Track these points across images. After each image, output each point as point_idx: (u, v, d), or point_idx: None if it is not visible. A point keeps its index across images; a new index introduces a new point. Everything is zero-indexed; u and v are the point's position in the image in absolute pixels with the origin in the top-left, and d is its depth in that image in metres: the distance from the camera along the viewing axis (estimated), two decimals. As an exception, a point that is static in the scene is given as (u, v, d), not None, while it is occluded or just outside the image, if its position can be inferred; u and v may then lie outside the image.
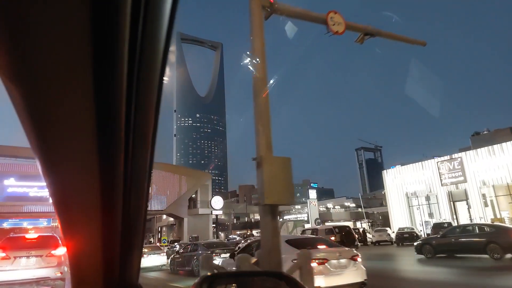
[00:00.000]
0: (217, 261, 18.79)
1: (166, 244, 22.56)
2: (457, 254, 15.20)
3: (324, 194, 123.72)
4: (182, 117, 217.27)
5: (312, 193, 46.15)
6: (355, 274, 7.45)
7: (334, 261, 7.33)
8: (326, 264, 7.20)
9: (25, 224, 39.96)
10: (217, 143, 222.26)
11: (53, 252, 9.59)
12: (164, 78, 0.82)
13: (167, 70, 0.81)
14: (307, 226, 35.80)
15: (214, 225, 44.12)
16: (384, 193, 49.62)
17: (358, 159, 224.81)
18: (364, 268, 7.72)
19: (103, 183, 0.85)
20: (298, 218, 54.86)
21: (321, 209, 59.40)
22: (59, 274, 9.41)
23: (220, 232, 49.62)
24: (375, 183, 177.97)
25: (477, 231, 14.58)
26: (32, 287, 9.19)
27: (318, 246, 7.89)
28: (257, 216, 71.25)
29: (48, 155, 0.80)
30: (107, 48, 0.67)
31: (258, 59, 5.61)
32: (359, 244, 21.07)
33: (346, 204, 65.32)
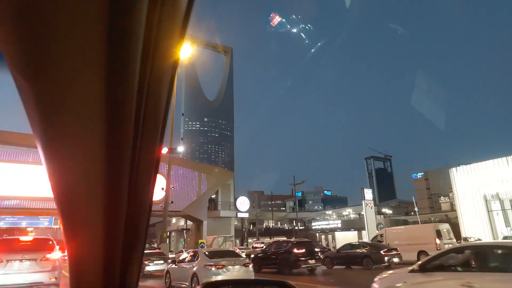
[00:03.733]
0: (151, 267, 17.11)
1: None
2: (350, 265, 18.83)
3: (338, 202, 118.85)
4: (190, 121, 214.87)
5: (368, 194, 38.30)
6: (246, 276, 11.14)
7: (230, 267, 11.11)
8: (223, 268, 10.93)
9: (24, 224, 35.81)
10: (224, 148, 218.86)
11: (48, 256, 9.35)
12: (175, 78, 0.84)
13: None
14: (348, 234, 30.83)
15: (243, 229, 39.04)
16: (416, 201, 44.69)
17: (368, 168, 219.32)
18: (253, 272, 12.00)
19: (108, 184, 0.85)
20: (330, 225, 49.79)
21: (352, 216, 54.72)
22: (53, 279, 9.17)
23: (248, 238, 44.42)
24: (385, 192, 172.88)
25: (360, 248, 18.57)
26: None
27: (223, 257, 11.74)
28: (271, 223, 67.28)
29: (54, 152, 0.80)
30: (122, 46, 0.67)
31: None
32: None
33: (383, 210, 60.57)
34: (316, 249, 18.66)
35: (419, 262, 6.26)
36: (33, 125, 0.75)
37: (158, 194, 36.01)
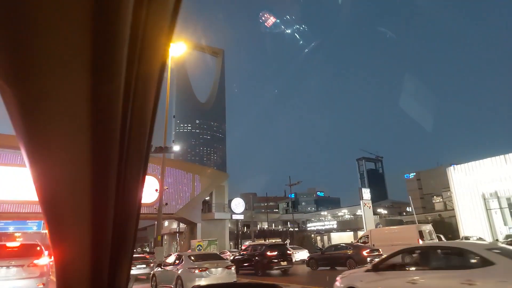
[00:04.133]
0: (134, 271, 16.74)
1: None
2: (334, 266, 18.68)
3: (331, 203, 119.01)
4: (181, 123, 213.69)
5: (366, 193, 37.50)
6: (229, 278, 11.67)
7: (213, 269, 11.61)
8: (207, 271, 11.42)
9: (12, 229, 34.66)
10: (216, 150, 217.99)
11: (36, 261, 9.14)
12: (162, 77, 0.82)
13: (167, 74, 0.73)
14: (343, 234, 30.53)
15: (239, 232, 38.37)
16: (411, 201, 44.68)
17: (359, 169, 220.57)
18: (235, 273, 12.54)
19: (95, 187, 0.83)
20: (326, 226, 49.40)
21: (348, 217, 54.44)
22: (41, 286, 8.96)
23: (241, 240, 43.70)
24: (376, 193, 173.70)
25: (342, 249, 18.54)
26: None
27: (206, 260, 12.29)
28: (265, 224, 66.79)
29: (38, 155, 0.78)
30: (107, 44, 0.66)
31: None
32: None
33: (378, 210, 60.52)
34: (288, 252, 19.30)
35: (373, 263, 7.24)
36: (15, 127, 0.73)
37: (151, 196, 35.23)
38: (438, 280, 5.54)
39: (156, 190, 25.11)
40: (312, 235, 48.54)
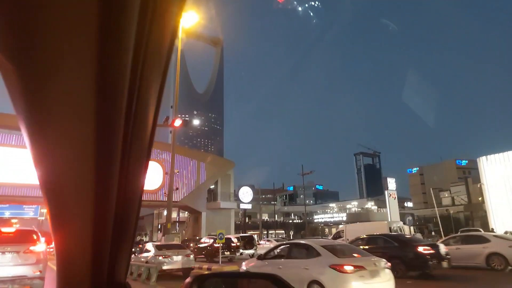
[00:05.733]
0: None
1: (222, 241, 18.02)
2: None
3: (330, 197, 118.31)
4: (179, 114, 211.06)
5: (391, 183, 34.68)
6: (189, 263, 14.02)
7: (175, 256, 13.76)
8: (169, 258, 13.61)
9: (8, 214, 33.05)
10: (214, 142, 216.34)
11: (32, 248, 8.80)
12: (172, 51, 0.79)
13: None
14: (365, 226, 29.24)
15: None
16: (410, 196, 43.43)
17: (357, 164, 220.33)
18: (194, 260, 14.78)
19: (99, 166, 0.80)
20: (335, 219, 48.23)
21: (355, 210, 53.34)
22: (38, 273, 8.62)
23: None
24: (373, 188, 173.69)
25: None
26: (6, 286, 8.31)
27: (170, 249, 14.51)
28: (265, 216, 65.71)
29: (40, 136, 0.74)
30: (115, 17, 0.62)
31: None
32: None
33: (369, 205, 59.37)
34: (232, 244, 22.25)
35: (260, 254, 10.48)
36: (16, 106, 0.69)
37: (156, 182, 33.66)
38: (292, 265, 8.35)
39: (166, 173, 23.78)
40: (320, 226, 47.40)
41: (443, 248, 12.47)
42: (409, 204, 71.84)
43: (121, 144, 0.79)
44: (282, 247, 9.58)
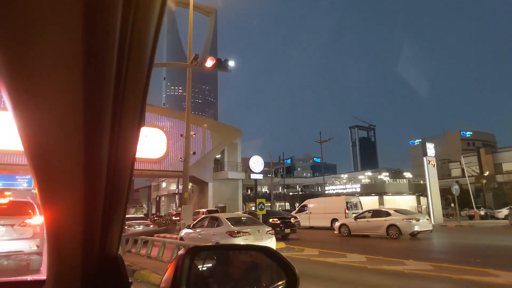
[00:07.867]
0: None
1: (263, 212, 16.59)
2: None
3: (328, 170, 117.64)
4: (172, 86, 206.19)
5: (430, 149, 31.72)
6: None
7: (136, 226, 17.55)
8: (131, 227, 17.28)
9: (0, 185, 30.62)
10: (208, 115, 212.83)
11: (27, 221, 8.27)
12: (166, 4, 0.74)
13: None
14: (367, 199, 27.63)
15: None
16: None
17: (352, 137, 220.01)
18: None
19: (88, 130, 0.76)
20: (347, 190, 46.96)
21: (365, 181, 51.99)
22: (35, 248, 8.09)
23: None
24: (368, 161, 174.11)
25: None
26: (1, 262, 7.95)
27: (134, 220, 18.92)
28: (265, 188, 64.57)
29: (23, 97, 0.69)
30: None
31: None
32: None
33: (379, 176, 58.67)
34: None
35: (190, 224, 14.11)
36: None
37: (160, 150, 31.27)
38: (206, 232, 11.57)
39: (182, 135, 21.77)
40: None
41: (292, 220, 18.90)
42: (409, 175, 71.32)
43: (112, 102, 0.72)
44: (203, 218, 12.85)
